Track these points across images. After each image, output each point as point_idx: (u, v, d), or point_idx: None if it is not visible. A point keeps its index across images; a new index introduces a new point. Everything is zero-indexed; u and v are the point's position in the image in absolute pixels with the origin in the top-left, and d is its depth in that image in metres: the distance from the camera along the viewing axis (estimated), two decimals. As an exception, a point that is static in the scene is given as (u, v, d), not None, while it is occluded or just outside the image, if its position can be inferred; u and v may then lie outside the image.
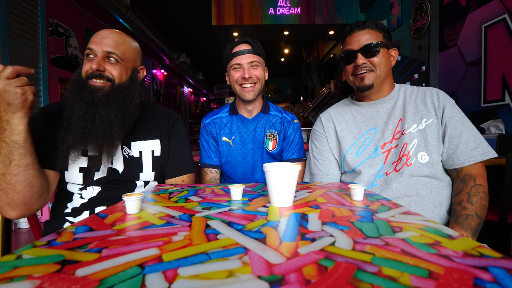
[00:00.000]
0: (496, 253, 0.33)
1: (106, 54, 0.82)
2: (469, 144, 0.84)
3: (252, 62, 1.12)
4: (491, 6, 1.93)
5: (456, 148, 0.85)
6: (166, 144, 0.97)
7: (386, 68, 0.92)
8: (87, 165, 0.83)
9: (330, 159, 1.02)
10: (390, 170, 0.89)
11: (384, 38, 0.92)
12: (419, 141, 0.88)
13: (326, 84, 4.30)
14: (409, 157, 0.87)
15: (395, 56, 0.94)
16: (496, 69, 1.88)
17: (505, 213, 1.21)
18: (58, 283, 0.28)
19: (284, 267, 0.31)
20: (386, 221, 0.47)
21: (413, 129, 0.89)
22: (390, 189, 0.88)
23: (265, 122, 1.22)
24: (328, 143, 1.03)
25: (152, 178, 0.93)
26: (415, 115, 0.91)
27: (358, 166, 0.94)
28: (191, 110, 8.96)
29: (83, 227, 0.45)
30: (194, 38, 6.22)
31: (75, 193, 0.85)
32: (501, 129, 1.72)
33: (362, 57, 0.90)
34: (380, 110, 0.96)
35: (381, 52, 0.90)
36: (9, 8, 2.39)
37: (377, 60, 0.90)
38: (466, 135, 0.84)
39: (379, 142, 0.93)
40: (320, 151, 1.04)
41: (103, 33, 0.84)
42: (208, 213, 0.53)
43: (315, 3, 3.96)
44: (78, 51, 3.30)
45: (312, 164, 1.06)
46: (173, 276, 0.29)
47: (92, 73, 0.81)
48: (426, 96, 0.92)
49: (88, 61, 0.82)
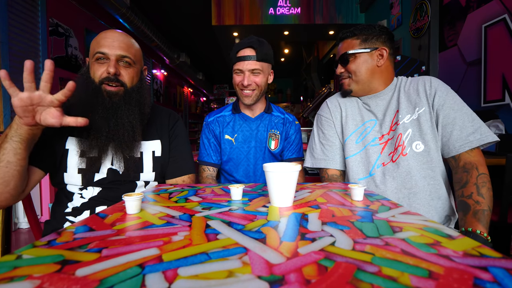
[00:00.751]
0: (496, 253, 0.33)
1: (119, 57, 0.82)
2: (465, 130, 0.83)
3: (253, 70, 1.11)
4: (491, 6, 1.93)
5: (451, 135, 0.85)
6: (167, 144, 0.97)
7: (368, 72, 0.95)
8: (86, 166, 0.83)
9: (336, 144, 1.04)
10: (387, 160, 0.92)
11: (362, 43, 0.95)
12: (413, 131, 0.89)
13: (326, 84, 4.30)
14: (404, 147, 0.89)
15: (384, 55, 0.95)
16: (496, 69, 1.88)
17: (505, 213, 1.21)
18: (58, 283, 0.28)
19: (284, 267, 0.31)
20: (386, 221, 0.47)
21: (406, 119, 0.91)
22: (388, 180, 0.90)
23: (268, 122, 1.23)
24: (335, 127, 1.05)
25: (153, 179, 0.93)
26: (408, 105, 0.92)
27: (356, 154, 0.97)
28: (191, 110, 8.97)
29: (83, 227, 0.45)
30: (194, 38, 6.23)
31: (75, 193, 0.85)
32: (501, 129, 1.72)
33: (340, 66, 1.00)
34: (379, 102, 0.98)
35: (354, 58, 0.96)
36: (9, 8, 2.39)
37: (353, 67, 0.96)
38: (461, 121, 0.84)
39: (378, 133, 0.96)
40: (326, 136, 1.05)
41: (112, 36, 0.83)
42: (208, 213, 0.53)
43: (315, 3, 3.96)
44: (78, 51, 3.30)
45: (318, 149, 1.06)
46: (173, 276, 0.29)
47: (108, 77, 0.81)
48: (418, 85, 0.93)
49: (101, 65, 0.82)
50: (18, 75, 2.45)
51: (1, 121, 2.30)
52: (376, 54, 0.95)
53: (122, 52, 0.82)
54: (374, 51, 0.95)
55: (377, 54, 0.95)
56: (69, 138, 0.84)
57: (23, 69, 0.69)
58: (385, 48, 0.94)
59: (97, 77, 0.82)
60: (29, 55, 2.60)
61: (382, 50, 0.94)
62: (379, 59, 0.95)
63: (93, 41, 0.84)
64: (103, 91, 0.82)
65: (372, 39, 0.95)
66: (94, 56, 0.82)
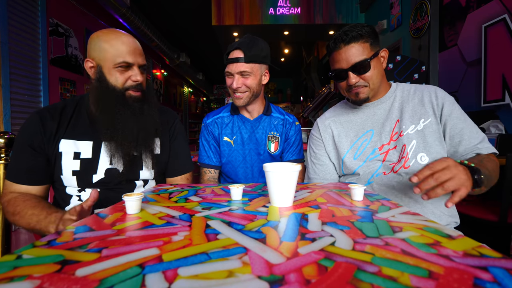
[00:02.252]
0: (496, 253, 0.33)
1: (141, 65, 0.87)
2: (473, 140, 0.83)
3: (243, 72, 1.09)
4: (491, 6, 1.93)
5: (459, 145, 0.84)
6: (166, 142, 0.98)
7: (380, 77, 0.90)
8: (79, 168, 0.83)
9: (327, 163, 1.02)
10: (388, 171, 0.89)
11: (372, 45, 0.87)
12: (417, 142, 0.86)
13: (326, 84, 4.29)
14: (407, 159, 0.86)
15: (385, 56, 0.91)
16: (496, 69, 1.88)
17: (505, 213, 1.21)
18: (58, 283, 0.28)
19: (284, 267, 0.31)
20: (386, 221, 0.47)
21: (411, 130, 0.88)
22: (388, 189, 0.88)
23: (267, 124, 1.22)
24: (325, 147, 1.02)
25: (152, 177, 0.93)
26: (412, 115, 0.89)
27: (357, 169, 0.93)
28: (191, 110, 8.96)
29: (83, 227, 0.45)
30: (194, 38, 6.23)
31: (73, 196, 0.85)
32: (501, 129, 1.72)
33: (354, 75, 0.87)
34: (377, 111, 0.95)
35: (372, 65, 0.86)
36: (9, 8, 2.39)
37: (370, 75, 0.87)
38: (469, 132, 0.83)
39: (377, 144, 0.92)
40: (317, 156, 1.04)
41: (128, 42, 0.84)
42: (208, 213, 0.53)
43: (315, 3, 3.96)
44: (78, 51, 3.30)
45: (310, 168, 1.07)
46: (173, 276, 0.29)
47: (135, 86, 0.86)
48: (424, 95, 0.90)
49: (123, 72, 0.84)
50: (18, 75, 2.45)
51: (1, 121, 2.29)
52: (380, 56, 0.90)
53: (143, 62, 0.88)
54: (381, 51, 0.90)
55: (381, 56, 0.90)
56: (62, 140, 0.83)
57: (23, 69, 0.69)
58: (384, 49, 0.91)
59: (120, 83, 0.85)
60: (29, 55, 2.60)
61: (383, 51, 0.91)
62: (383, 61, 0.91)
63: (106, 44, 0.82)
64: (129, 97, 0.86)
65: (375, 41, 0.89)
66: (117, 64, 0.83)
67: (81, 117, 0.87)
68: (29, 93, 2.57)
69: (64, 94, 3.06)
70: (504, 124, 1.75)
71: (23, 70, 2.51)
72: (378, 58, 0.88)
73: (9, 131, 2.29)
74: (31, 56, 2.63)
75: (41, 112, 0.85)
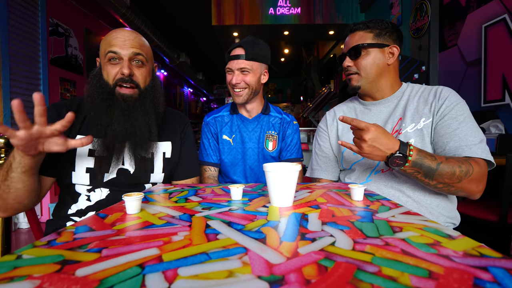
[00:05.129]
0: (496, 253, 0.33)
1: (132, 56, 0.80)
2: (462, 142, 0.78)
3: (243, 69, 1.12)
4: (491, 6, 1.93)
5: (446, 145, 0.80)
6: (178, 146, 0.98)
7: (376, 69, 0.90)
8: (94, 166, 0.82)
9: (330, 156, 1.06)
10: (386, 168, 0.90)
11: (377, 37, 0.90)
12: (415, 141, 0.86)
13: (326, 84, 4.30)
14: None
15: (395, 53, 0.91)
16: (496, 69, 1.88)
17: (505, 213, 1.21)
18: (58, 283, 0.28)
19: (284, 267, 0.31)
20: (386, 221, 0.47)
21: (410, 128, 0.88)
22: (386, 187, 0.89)
23: (265, 123, 1.24)
24: (329, 140, 1.06)
25: (161, 180, 0.93)
26: (414, 114, 0.89)
27: (354, 164, 0.96)
28: (191, 110, 8.96)
29: (83, 227, 0.45)
30: (194, 38, 6.22)
31: (82, 194, 0.83)
32: (501, 129, 1.72)
33: (349, 59, 0.94)
34: (384, 109, 0.96)
35: (367, 53, 0.90)
36: (9, 8, 2.39)
37: (362, 62, 0.91)
38: (463, 134, 0.78)
39: None
40: (321, 148, 1.07)
41: (122, 34, 0.81)
42: (208, 213, 0.53)
43: (315, 3, 3.96)
44: (78, 51, 3.30)
45: (314, 160, 1.10)
46: (173, 276, 0.29)
47: (122, 79, 0.80)
48: (429, 95, 0.89)
49: (114, 66, 0.80)
50: (18, 75, 2.45)
51: (1, 121, 2.30)
52: (387, 52, 0.90)
53: (134, 50, 0.80)
54: (386, 48, 0.90)
55: (388, 52, 0.90)
56: (78, 136, 0.82)
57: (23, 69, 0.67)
58: (396, 46, 0.91)
59: (111, 78, 0.80)
60: (29, 55, 2.60)
61: (393, 48, 0.90)
62: (389, 57, 0.91)
63: (103, 40, 0.82)
64: (118, 94, 0.81)
65: (385, 35, 0.90)
66: (106, 56, 0.80)
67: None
68: (29, 93, 2.57)
69: (64, 94, 3.06)
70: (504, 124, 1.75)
71: (23, 70, 2.51)
72: (380, 50, 0.90)
73: (9, 131, 2.29)
74: (31, 56, 2.63)
75: (57, 105, 0.83)
